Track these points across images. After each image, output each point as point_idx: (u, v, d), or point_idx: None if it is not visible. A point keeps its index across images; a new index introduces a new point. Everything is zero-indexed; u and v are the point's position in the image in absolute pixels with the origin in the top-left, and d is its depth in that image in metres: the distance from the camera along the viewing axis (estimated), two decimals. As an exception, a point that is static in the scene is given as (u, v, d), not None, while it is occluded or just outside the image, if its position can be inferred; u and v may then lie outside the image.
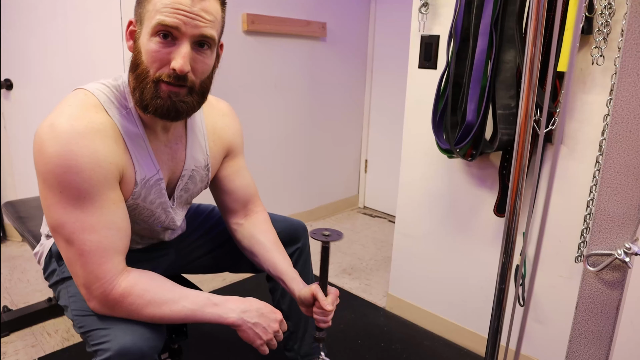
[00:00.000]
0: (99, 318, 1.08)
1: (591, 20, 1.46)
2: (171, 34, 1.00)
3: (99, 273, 1.03)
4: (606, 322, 0.96)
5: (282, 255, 1.37)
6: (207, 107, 1.30)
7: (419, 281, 2.19)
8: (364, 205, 3.92)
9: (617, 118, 0.87)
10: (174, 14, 0.98)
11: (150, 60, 1.02)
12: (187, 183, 1.27)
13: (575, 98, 1.57)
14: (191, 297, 1.11)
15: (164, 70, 1.02)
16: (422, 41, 1.94)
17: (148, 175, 1.14)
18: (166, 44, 1.01)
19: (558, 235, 1.69)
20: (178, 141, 1.22)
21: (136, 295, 1.05)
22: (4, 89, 2.73)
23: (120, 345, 1.01)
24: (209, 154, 1.29)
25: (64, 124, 0.99)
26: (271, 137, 3.17)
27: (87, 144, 0.99)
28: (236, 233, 1.42)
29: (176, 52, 1.01)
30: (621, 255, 0.89)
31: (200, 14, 1.01)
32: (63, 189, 0.99)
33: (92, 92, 1.07)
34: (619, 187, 0.89)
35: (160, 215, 1.24)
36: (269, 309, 1.19)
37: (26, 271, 2.58)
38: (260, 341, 1.16)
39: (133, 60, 1.06)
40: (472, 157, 1.71)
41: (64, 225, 1.01)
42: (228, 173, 1.38)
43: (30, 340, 2.00)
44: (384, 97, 3.60)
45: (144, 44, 1.02)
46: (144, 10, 1.02)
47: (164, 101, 1.04)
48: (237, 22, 2.76)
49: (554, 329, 1.77)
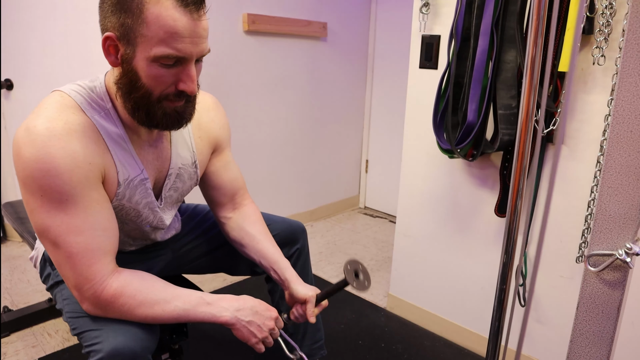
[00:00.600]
0: (92, 319, 1.07)
1: (592, 20, 1.46)
2: (178, 59, 0.98)
3: (89, 274, 1.02)
4: (607, 322, 0.95)
5: (271, 245, 1.37)
6: None
7: (420, 281, 2.19)
8: (365, 206, 3.91)
9: (618, 118, 0.87)
10: (180, 44, 0.96)
11: (154, 84, 1.00)
12: (175, 182, 1.26)
13: (576, 98, 1.56)
14: (184, 297, 1.11)
15: (170, 90, 1.02)
16: (423, 41, 1.94)
17: (132, 175, 1.12)
18: (170, 66, 0.99)
19: (559, 235, 1.69)
20: (163, 139, 1.20)
21: (128, 296, 1.05)
22: (5, 89, 2.73)
23: (112, 346, 1.00)
24: (195, 151, 1.28)
25: (39, 126, 0.97)
26: (272, 137, 3.17)
27: (64, 145, 0.97)
28: (225, 226, 1.41)
29: (184, 74, 1.01)
30: (622, 255, 0.89)
31: (202, 35, 0.99)
32: (44, 193, 0.97)
33: (68, 93, 1.05)
34: (620, 187, 0.89)
35: (147, 215, 1.23)
36: (263, 306, 1.19)
37: (26, 271, 2.58)
38: (255, 339, 1.16)
39: (127, 81, 1.02)
40: (473, 158, 1.70)
41: (48, 229, 1.00)
42: (216, 168, 1.37)
43: (31, 340, 2.00)
44: (384, 97, 3.60)
45: (142, 68, 0.99)
46: (135, 32, 0.96)
47: (171, 117, 1.05)
48: (238, 22, 2.76)
49: (555, 330, 1.77)
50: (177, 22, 0.94)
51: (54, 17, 2.56)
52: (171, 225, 1.41)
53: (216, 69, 2.73)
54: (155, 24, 0.94)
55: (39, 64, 2.67)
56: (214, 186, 1.39)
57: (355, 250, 3.06)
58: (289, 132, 3.27)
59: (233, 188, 1.41)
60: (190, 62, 1.00)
